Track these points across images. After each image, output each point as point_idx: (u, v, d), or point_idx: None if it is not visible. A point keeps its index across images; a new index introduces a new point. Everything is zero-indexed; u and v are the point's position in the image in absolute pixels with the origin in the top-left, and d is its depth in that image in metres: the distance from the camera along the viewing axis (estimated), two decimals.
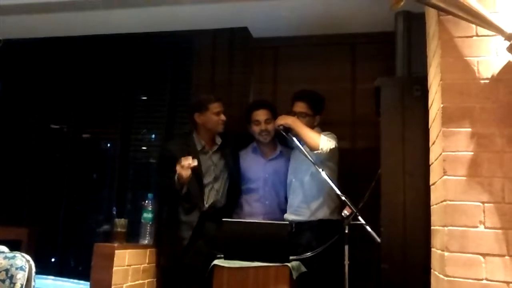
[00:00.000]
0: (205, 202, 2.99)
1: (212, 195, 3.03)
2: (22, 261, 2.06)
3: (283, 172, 3.17)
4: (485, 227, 1.77)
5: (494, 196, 1.78)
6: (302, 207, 2.98)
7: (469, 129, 1.86)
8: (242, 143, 3.30)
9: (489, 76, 1.88)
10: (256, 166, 3.21)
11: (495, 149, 1.83)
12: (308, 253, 2.65)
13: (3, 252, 2.13)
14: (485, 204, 1.79)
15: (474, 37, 1.93)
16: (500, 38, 1.86)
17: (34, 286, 2.08)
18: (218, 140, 3.15)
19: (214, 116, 3.05)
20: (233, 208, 3.16)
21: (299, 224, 2.91)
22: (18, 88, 4.35)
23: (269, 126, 3.14)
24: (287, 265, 2.48)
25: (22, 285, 2.02)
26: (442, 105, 1.90)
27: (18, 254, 2.10)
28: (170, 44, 4.06)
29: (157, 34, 3.85)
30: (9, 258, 2.06)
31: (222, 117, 3.07)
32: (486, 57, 1.90)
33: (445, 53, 1.95)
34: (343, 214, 2.52)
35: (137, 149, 4.29)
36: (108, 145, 4.43)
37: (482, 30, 1.90)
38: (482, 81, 1.89)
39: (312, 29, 3.57)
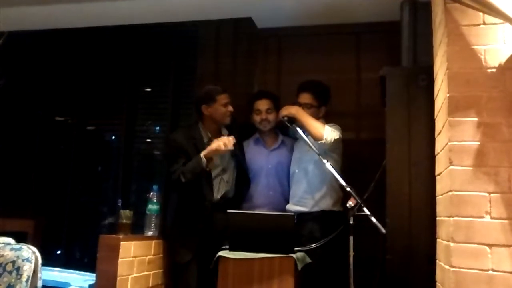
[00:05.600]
0: (216, 194, 2.98)
1: (222, 186, 3.02)
2: (29, 252, 2.07)
3: (286, 162, 3.17)
4: (491, 218, 1.76)
5: (501, 186, 1.77)
6: (305, 197, 2.98)
7: (476, 119, 1.84)
8: (246, 133, 3.30)
9: (496, 65, 1.86)
10: (259, 157, 3.21)
11: (501, 139, 1.81)
12: (313, 244, 2.65)
13: (9, 244, 2.14)
14: (491, 194, 1.78)
15: (481, 25, 1.90)
16: (507, 26, 1.84)
17: (40, 278, 2.09)
18: (225, 132, 3.13)
19: (221, 107, 3.03)
20: (242, 198, 3.16)
21: (301, 215, 2.91)
22: (22, 80, 4.36)
23: (270, 116, 3.16)
24: (292, 256, 2.48)
25: (28, 276, 2.03)
26: (448, 95, 1.88)
27: (24, 246, 2.11)
28: (174, 35, 4.05)
29: (160, 25, 3.83)
30: (16, 250, 2.07)
31: (230, 108, 3.05)
32: (493, 45, 1.88)
33: (451, 41, 1.93)
34: (347, 205, 2.51)
35: (142, 140, 4.30)
36: (113, 137, 4.45)
37: (489, 18, 1.88)
38: (489, 70, 1.87)
39: (316, 19, 3.53)
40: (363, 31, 3.58)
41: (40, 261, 2.09)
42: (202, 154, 2.87)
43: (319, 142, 2.83)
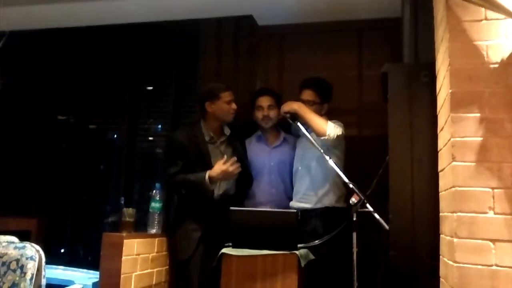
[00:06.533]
0: (216, 191, 2.99)
1: (223, 183, 3.03)
2: (32, 251, 2.08)
3: (288, 159, 3.17)
4: (495, 213, 1.75)
5: (504, 182, 1.77)
6: (308, 194, 2.99)
7: (478, 114, 1.84)
8: (248, 131, 3.30)
9: (499, 61, 1.86)
10: (261, 154, 3.22)
11: (504, 134, 1.81)
12: (316, 241, 2.65)
13: (13, 242, 2.15)
14: (495, 190, 1.77)
15: (483, 21, 1.90)
16: (510, 21, 1.84)
17: (44, 276, 2.10)
18: (227, 131, 3.13)
19: (225, 105, 3.03)
20: (244, 196, 3.16)
21: (304, 212, 2.91)
22: (24, 79, 4.36)
23: (272, 112, 3.16)
24: (295, 253, 2.49)
25: (32, 274, 2.04)
26: (450, 91, 1.88)
27: (28, 244, 2.12)
28: (175, 34, 4.06)
29: (162, 24, 3.84)
30: (19, 248, 2.08)
31: (233, 106, 3.05)
32: (496, 41, 1.87)
33: (453, 37, 1.92)
34: (350, 201, 2.51)
35: (144, 139, 4.30)
36: (115, 135, 4.45)
37: (491, 14, 1.87)
38: (491, 66, 1.86)
39: (317, 16, 3.53)
40: (365, 28, 3.59)
41: (43, 259, 2.10)
42: (207, 177, 2.85)
43: (322, 138, 2.83)
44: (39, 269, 2.06)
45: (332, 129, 2.85)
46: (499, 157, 1.80)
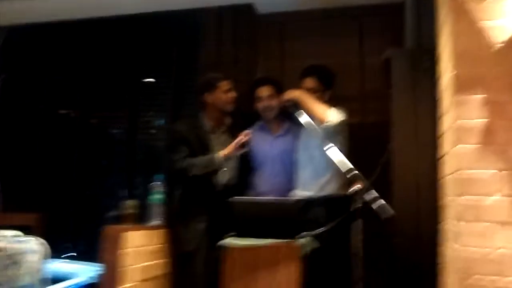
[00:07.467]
0: (219, 182, 2.97)
1: (225, 174, 3.01)
2: (37, 244, 2.09)
3: (291, 149, 3.13)
4: (502, 195, 1.73)
5: (509, 164, 1.75)
6: (311, 183, 2.96)
7: (483, 96, 1.81)
8: (250, 121, 3.27)
9: (503, 41, 1.82)
10: (264, 144, 3.18)
11: (509, 116, 1.78)
12: (321, 228, 2.63)
13: (17, 236, 2.15)
14: (501, 172, 1.75)
15: (487, 1, 1.86)
16: None
17: (48, 269, 2.09)
18: (228, 120, 3.12)
19: (223, 94, 3.02)
20: (245, 186, 3.14)
21: (307, 200, 2.88)
22: (24, 74, 4.34)
23: (272, 102, 3.11)
24: (297, 242, 2.46)
25: (37, 268, 2.04)
26: (454, 73, 1.85)
27: (32, 238, 2.13)
28: (174, 24, 4.01)
29: (160, 14, 3.80)
30: (24, 242, 2.09)
31: (232, 94, 3.03)
32: (500, 21, 1.84)
33: (456, 19, 1.90)
34: (354, 188, 2.48)
35: (145, 132, 4.28)
36: (116, 129, 4.43)
37: None
38: (495, 46, 1.83)
39: (318, 3, 3.50)
40: (365, 14, 3.54)
41: (48, 253, 2.10)
42: (222, 154, 2.87)
43: (324, 124, 2.80)
44: (43, 263, 2.06)
45: (333, 115, 2.82)
46: (504, 139, 1.77)
